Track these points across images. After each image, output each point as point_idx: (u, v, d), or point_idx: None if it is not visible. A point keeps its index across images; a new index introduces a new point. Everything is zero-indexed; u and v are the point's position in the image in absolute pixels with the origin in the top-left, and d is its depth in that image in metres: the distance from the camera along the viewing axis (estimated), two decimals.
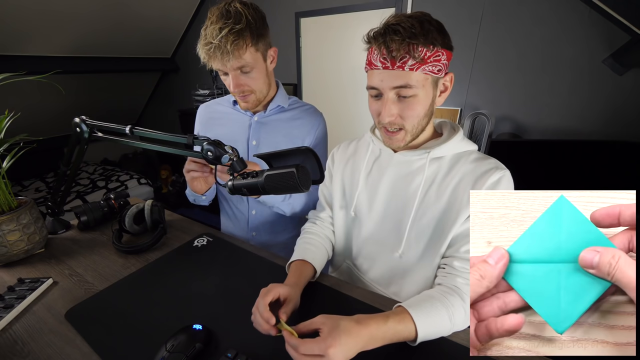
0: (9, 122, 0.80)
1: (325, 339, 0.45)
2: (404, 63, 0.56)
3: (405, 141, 0.65)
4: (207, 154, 0.63)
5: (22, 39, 2.23)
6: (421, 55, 0.55)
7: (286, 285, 0.59)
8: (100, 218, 1.02)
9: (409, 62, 0.56)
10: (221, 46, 0.73)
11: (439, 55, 0.57)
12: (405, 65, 0.56)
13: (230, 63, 0.76)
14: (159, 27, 2.96)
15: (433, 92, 0.61)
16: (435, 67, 0.57)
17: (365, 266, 0.78)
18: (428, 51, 0.56)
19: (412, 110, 0.60)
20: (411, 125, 0.62)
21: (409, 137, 0.65)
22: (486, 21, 1.82)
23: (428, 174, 0.66)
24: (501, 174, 0.60)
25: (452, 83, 0.63)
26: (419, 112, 0.61)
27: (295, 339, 0.47)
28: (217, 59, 0.76)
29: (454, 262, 0.62)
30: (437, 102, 0.63)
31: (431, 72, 0.57)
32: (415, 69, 0.56)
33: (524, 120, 1.86)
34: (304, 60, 2.67)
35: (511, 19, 1.75)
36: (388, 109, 0.60)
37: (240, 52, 0.76)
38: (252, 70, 0.81)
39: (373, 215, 0.73)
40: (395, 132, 0.64)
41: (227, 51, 0.74)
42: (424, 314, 0.54)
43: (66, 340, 0.59)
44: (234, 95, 0.88)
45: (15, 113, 0.83)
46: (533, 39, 1.72)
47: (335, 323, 0.47)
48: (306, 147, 0.59)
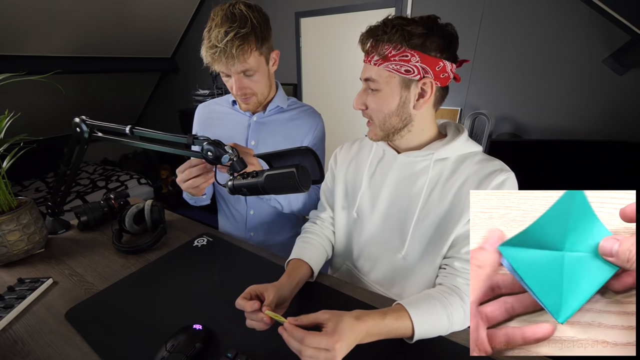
0: (9, 122, 0.80)
1: (332, 334, 0.46)
2: (371, 58, 0.61)
3: (377, 135, 0.68)
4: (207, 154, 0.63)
5: (22, 39, 2.23)
6: (385, 53, 0.59)
7: (268, 285, 0.59)
8: (100, 218, 1.02)
9: (374, 57, 0.61)
10: (226, 50, 0.73)
11: (407, 55, 0.58)
12: (371, 60, 0.61)
13: (234, 67, 0.76)
14: (159, 27, 2.96)
15: (402, 93, 0.61)
16: (400, 66, 0.59)
17: (366, 268, 0.78)
18: (393, 50, 0.58)
19: (375, 103, 0.64)
20: (377, 118, 0.65)
21: (379, 132, 0.67)
22: (486, 21, 1.82)
23: (432, 175, 0.65)
24: (506, 176, 0.60)
25: (432, 89, 0.60)
26: (383, 108, 0.63)
27: (301, 331, 0.46)
28: (221, 63, 0.76)
29: (454, 262, 0.62)
30: (417, 106, 0.62)
31: (396, 70, 0.59)
32: (378, 64, 0.60)
33: (524, 120, 1.86)
34: (304, 60, 2.67)
35: (511, 19, 1.75)
36: (357, 97, 0.66)
37: (245, 56, 0.76)
38: (255, 74, 0.81)
39: (375, 216, 0.73)
40: (369, 123, 0.68)
41: (232, 55, 0.73)
42: (421, 312, 0.54)
43: (66, 340, 0.59)
44: (235, 97, 0.88)
45: (15, 113, 0.83)
46: (533, 39, 1.72)
47: (339, 318, 0.48)
48: (306, 147, 0.59)
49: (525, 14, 1.70)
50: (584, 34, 1.59)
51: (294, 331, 0.47)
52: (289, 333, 0.47)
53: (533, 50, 1.73)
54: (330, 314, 0.49)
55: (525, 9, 1.70)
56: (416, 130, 0.66)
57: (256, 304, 0.53)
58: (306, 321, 0.49)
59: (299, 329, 0.47)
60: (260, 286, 0.58)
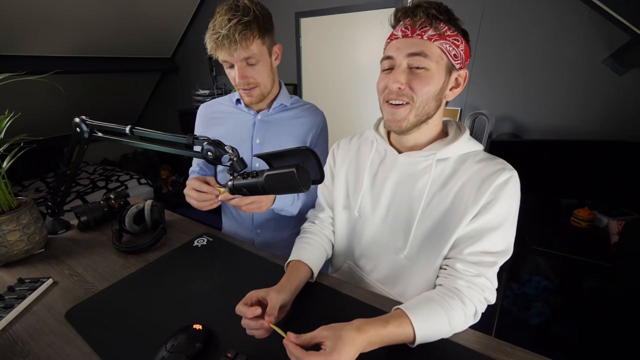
0: (9, 122, 0.80)
1: (331, 353, 0.45)
2: (424, 31, 0.57)
3: (408, 120, 0.61)
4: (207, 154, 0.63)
5: (22, 39, 2.23)
6: (442, 30, 0.56)
7: (269, 289, 0.59)
8: (100, 218, 1.02)
9: (429, 31, 0.56)
10: (229, 35, 0.75)
11: (458, 40, 0.58)
12: (424, 34, 0.57)
13: (237, 53, 0.78)
14: (159, 27, 2.96)
15: (446, 78, 0.60)
16: (452, 48, 0.58)
17: (368, 267, 0.77)
18: (449, 30, 0.57)
19: (422, 82, 0.58)
20: (419, 100, 0.59)
21: (412, 117, 0.61)
22: (486, 21, 1.82)
23: (434, 175, 0.65)
24: (509, 175, 0.59)
25: (465, 82, 0.63)
26: (429, 89, 0.59)
27: (300, 351, 0.46)
28: (224, 48, 0.77)
29: (456, 264, 0.61)
30: (448, 96, 0.63)
31: (448, 51, 0.57)
32: (433, 39, 0.57)
33: (524, 120, 1.86)
34: (304, 60, 2.67)
35: (511, 19, 1.75)
36: (397, 75, 0.59)
37: (248, 42, 0.77)
38: (258, 63, 0.83)
39: (377, 216, 0.73)
40: (399, 106, 0.61)
41: (235, 40, 0.75)
42: (422, 318, 0.54)
43: (66, 340, 0.59)
44: (237, 89, 0.88)
45: (15, 113, 0.83)
46: (533, 39, 1.72)
47: (337, 334, 0.47)
48: (306, 147, 0.59)
49: (525, 14, 1.70)
50: (584, 34, 1.59)
51: (293, 350, 0.46)
52: (289, 351, 0.47)
53: (533, 50, 1.73)
54: (329, 330, 0.48)
55: (525, 9, 1.70)
56: (431, 123, 0.65)
57: (257, 310, 0.53)
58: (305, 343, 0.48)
59: (298, 348, 0.46)
60: (261, 291, 0.58)
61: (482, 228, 0.60)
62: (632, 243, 1.12)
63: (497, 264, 0.60)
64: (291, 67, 2.73)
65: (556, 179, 1.62)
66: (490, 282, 0.59)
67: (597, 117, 1.66)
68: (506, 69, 1.83)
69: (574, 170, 1.57)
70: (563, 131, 1.75)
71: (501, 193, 0.59)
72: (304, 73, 2.71)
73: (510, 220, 0.60)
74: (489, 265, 0.59)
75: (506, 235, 0.60)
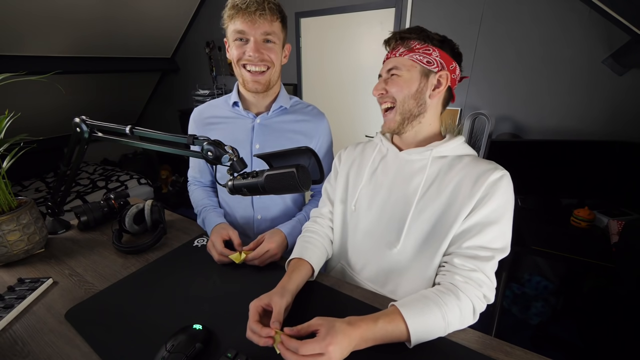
0: (9, 122, 0.80)
1: (324, 337, 0.48)
2: (396, 51, 0.69)
3: (395, 121, 0.71)
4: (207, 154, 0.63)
5: (22, 39, 2.23)
6: (410, 46, 0.68)
7: (271, 294, 0.59)
8: (100, 218, 1.02)
9: (400, 49, 0.69)
10: (259, 2, 0.75)
11: (429, 49, 0.67)
12: (397, 53, 0.69)
13: (260, 22, 0.77)
14: (159, 27, 2.96)
15: (422, 80, 0.68)
16: (423, 57, 0.66)
17: (359, 265, 0.78)
18: (418, 44, 0.67)
19: (394, 84, 0.69)
20: (399, 100, 0.69)
21: (398, 117, 0.70)
22: (486, 21, 1.82)
23: (430, 171, 0.68)
24: (502, 173, 0.63)
25: (448, 81, 0.68)
26: (402, 89, 0.68)
27: (296, 341, 0.48)
28: (247, 15, 0.75)
29: (454, 259, 0.62)
30: (432, 95, 0.69)
31: (419, 60, 0.67)
32: (403, 55, 0.68)
33: (524, 120, 1.86)
34: (304, 60, 2.67)
35: (511, 19, 1.75)
36: (378, 85, 0.72)
37: (273, 17, 0.79)
38: (275, 46, 0.82)
39: (372, 210, 0.74)
40: (387, 112, 0.72)
41: (263, 8, 0.75)
42: (415, 313, 0.54)
43: (66, 340, 0.59)
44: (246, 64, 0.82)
45: (15, 113, 0.83)
46: (533, 39, 1.72)
47: (331, 324, 0.50)
48: (306, 147, 0.59)
49: (525, 14, 1.70)
50: (584, 34, 1.59)
51: (289, 342, 0.48)
52: (285, 344, 0.48)
53: (533, 51, 1.73)
54: (322, 320, 0.51)
55: (525, 9, 1.70)
56: (425, 122, 0.72)
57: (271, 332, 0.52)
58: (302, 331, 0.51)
59: (293, 340, 0.48)
60: (263, 299, 0.58)
61: (479, 223, 0.61)
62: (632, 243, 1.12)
63: (494, 260, 0.60)
64: (291, 67, 2.73)
65: (556, 179, 1.62)
66: (488, 277, 0.60)
67: (596, 117, 1.66)
68: (506, 69, 1.83)
69: (574, 170, 1.57)
70: (563, 131, 1.75)
71: (496, 189, 0.61)
72: (304, 73, 2.71)
73: (506, 217, 0.62)
74: (485, 259, 0.60)
75: (503, 231, 0.61)
